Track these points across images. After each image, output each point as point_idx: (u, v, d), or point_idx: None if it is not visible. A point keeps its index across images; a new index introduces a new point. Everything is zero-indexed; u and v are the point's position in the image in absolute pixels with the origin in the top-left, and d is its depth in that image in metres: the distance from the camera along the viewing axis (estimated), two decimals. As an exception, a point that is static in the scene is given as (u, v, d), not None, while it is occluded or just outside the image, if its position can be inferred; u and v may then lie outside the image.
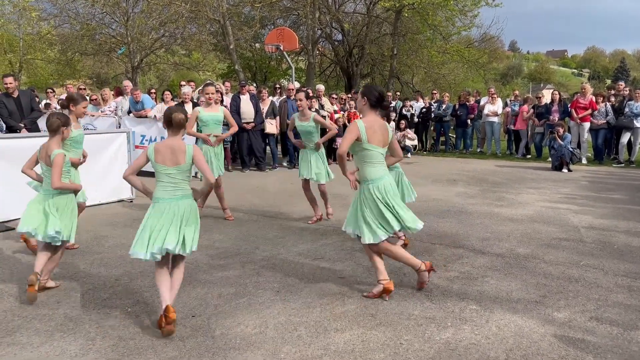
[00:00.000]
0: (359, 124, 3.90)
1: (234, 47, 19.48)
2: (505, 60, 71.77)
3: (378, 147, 3.95)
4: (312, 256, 5.18)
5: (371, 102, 4.01)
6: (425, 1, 17.18)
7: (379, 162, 3.98)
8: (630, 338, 3.36)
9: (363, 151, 3.93)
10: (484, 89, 17.79)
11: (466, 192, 8.73)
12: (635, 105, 11.80)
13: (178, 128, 3.62)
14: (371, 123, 3.95)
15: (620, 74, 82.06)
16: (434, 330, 3.49)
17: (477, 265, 4.86)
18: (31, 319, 3.69)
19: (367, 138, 3.89)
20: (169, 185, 3.59)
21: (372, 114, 4.03)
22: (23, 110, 8.31)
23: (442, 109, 14.92)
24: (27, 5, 21.50)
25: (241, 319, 3.66)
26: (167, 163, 3.56)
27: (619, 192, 8.64)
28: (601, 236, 5.86)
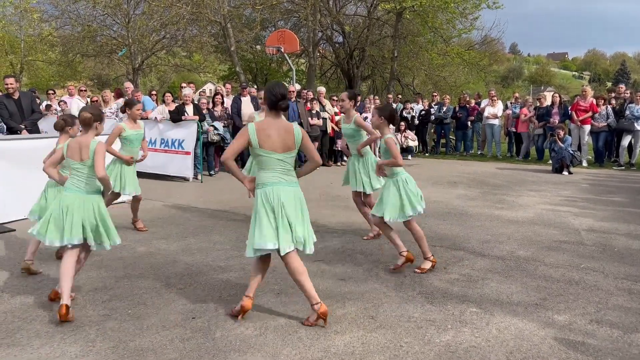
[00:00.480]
0: (249, 127, 3.53)
1: (234, 49, 19.51)
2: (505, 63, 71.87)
3: (273, 153, 3.53)
4: (312, 258, 5.16)
5: (269, 102, 3.62)
6: (425, 3, 17.18)
7: (273, 169, 3.56)
8: (630, 341, 3.36)
9: (256, 157, 3.56)
10: (484, 92, 17.81)
11: (466, 194, 8.73)
12: (636, 107, 11.80)
13: (84, 126, 3.99)
14: (266, 125, 3.56)
15: (620, 76, 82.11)
16: (434, 332, 3.49)
17: (477, 267, 4.86)
18: (31, 320, 3.70)
19: (259, 143, 3.50)
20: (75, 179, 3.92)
21: (270, 115, 3.63)
22: (24, 112, 8.32)
23: (443, 111, 14.93)
24: (28, 7, 21.56)
25: (241, 321, 3.66)
26: (75, 158, 3.90)
27: (619, 195, 8.64)
28: (602, 239, 5.86)
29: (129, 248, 5.50)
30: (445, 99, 15.45)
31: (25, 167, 6.68)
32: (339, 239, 5.91)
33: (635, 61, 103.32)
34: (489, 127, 14.36)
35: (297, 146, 3.65)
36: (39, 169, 5.98)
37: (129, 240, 5.81)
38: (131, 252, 5.39)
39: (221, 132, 11.06)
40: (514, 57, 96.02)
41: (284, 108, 3.60)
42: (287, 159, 3.61)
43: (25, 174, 6.66)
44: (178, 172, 10.30)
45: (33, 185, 6.55)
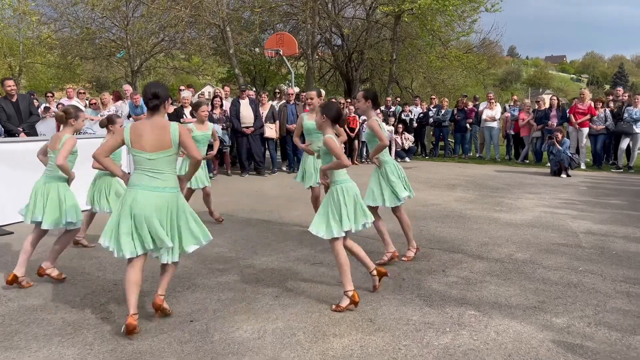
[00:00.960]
0: (125, 127, 3.65)
1: (233, 51, 19.52)
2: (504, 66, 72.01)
3: (143, 152, 3.52)
4: (310, 261, 5.18)
5: (145, 102, 3.69)
6: (424, 7, 17.22)
7: (142, 169, 3.54)
8: (628, 344, 3.36)
9: (132, 156, 3.60)
10: (483, 94, 17.83)
11: (465, 197, 8.74)
12: (634, 110, 11.83)
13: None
14: (141, 125, 3.58)
15: (618, 79, 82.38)
16: (433, 335, 3.49)
17: (475, 270, 4.86)
18: (29, 323, 3.69)
19: (131, 142, 3.54)
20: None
21: (149, 115, 3.67)
22: (22, 115, 8.33)
23: (441, 114, 14.95)
24: (27, 9, 21.55)
25: (240, 324, 3.66)
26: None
27: (617, 198, 8.65)
28: (600, 242, 5.87)
29: (128, 251, 5.48)
30: (443, 102, 15.48)
31: (22, 170, 6.67)
32: (337, 241, 5.91)
33: (633, 64, 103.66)
34: (487, 129, 14.38)
35: (175, 145, 3.58)
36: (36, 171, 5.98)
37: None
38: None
39: (220, 134, 11.05)
40: (512, 60, 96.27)
41: (152, 107, 3.62)
42: (158, 157, 3.54)
43: (22, 176, 6.65)
44: (177, 175, 10.27)
45: (29, 187, 6.57)
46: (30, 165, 6.69)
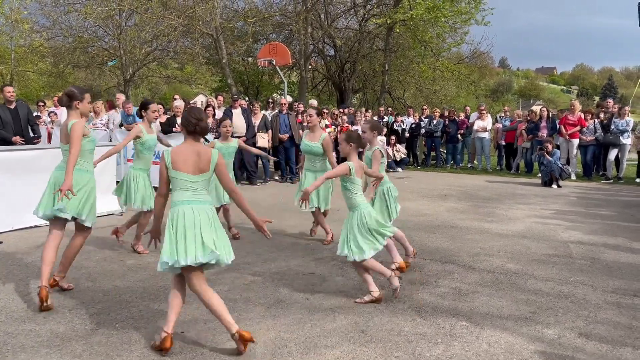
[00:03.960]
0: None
1: (226, 61, 19.56)
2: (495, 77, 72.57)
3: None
4: (303, 271, 5.16)
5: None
6: (416, 18, 17.37)
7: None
8: (619, 355, 3.37)
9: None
10: (474, 105, 17.97)
11: (457, 207, 8.77)
12: (620, 122, 11.98)
13: None
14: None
15: (608, 91, 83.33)
16: (425, 346, 3.48)
17: (467, 281, 4.86)
18: (17, 334, 3.64)
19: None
20: None
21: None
22: (20, 122, 8.25)
23: (433, 125, 15.03)
24: (19, 17, 21.50)
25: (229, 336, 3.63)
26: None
27: (607, 208, 8.72)
28: (590, 252, 5.90)
29: (118, 260, 5.45)
30: (435, 112, 15.57)
31: (13, 179, 6.63)
32: (329, 251, 5.90)
33: (622, 76, 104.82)
34: (478, 140, 14.48)
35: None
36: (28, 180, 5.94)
37: (118, 252, 5.75)
38: (120, 264, 5.34)
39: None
40: (503, 71, 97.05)
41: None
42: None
43: (13, 185, 6.61)
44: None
45: (21, 196, 6.52)
46: (21, 174, 6.67)
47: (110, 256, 5.62)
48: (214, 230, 3.40)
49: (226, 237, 3.49)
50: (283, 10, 21.05)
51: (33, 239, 6.20)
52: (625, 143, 12.05)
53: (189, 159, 3.39)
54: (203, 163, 3.40)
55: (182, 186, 3.38)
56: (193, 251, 3.28)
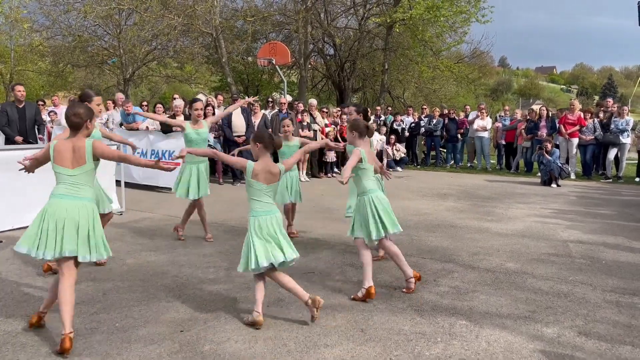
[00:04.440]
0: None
1: (226, 60, 19.55)
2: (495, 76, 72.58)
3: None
4: (302, 270, 5.16)
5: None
6: (416, 17, 17.36)
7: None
8: (618, 354, 3.38)
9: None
10: (474, 104, 17.97)
11: (456, 206, 8.77)
12: (619, 121, 11.98)
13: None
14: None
15: (608, 90, 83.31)
16: (424, 345, 3.49)
17: (467, 280, 4.87)
18: (16, 334, 3.64)
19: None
20: None
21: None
22: (26, 121, 8.25)
23: (433, 124, 15.04)
24: (19, 16, 21.48)
25: (230, 334, 3.64)
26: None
27: (607, 208, 8.72)
28: (590, 251, 5.91)
29: (118, 260, 5.46)
30: (434, 112, 15.58)
31: (14, 178, 6.61)
32: (329, 251, 5.91)
33: (622, 75, 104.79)
34: (478, 139, 14.48)
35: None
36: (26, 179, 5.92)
37: (118, 252, 5.76)
38: (120, 263, 5.34)
39: (212, 143, 11.05)
40: (503, 71, 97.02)
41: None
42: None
43: (14, 184, 6.61)
44: (168, 184, 10.24)
45: (22, 196, 6.53)
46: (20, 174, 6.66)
47: (110, 256, 5.61)
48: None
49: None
50: (283, 10, 21.03)
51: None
52: (625, 142, 12.06)
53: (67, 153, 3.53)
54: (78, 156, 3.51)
55: (61, 180, 3.52)
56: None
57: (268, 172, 3.84)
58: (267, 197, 3.85)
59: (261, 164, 3.84)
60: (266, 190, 3.84)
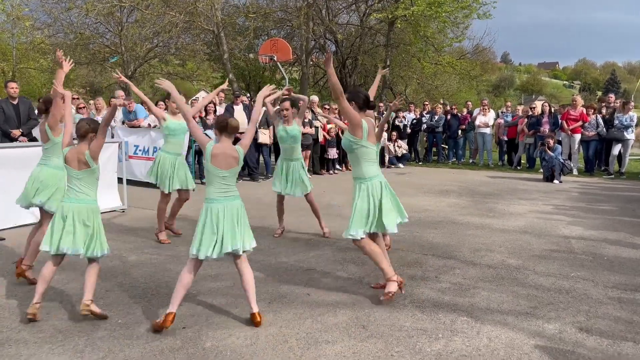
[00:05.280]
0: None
1: (227, 57, 19.54)
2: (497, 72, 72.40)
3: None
4: (304, 267, 5.17)
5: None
6: (417, 12, 17.32)
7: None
8: (619, 350, 3.38)
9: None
10: (476, 100, 17.94)
11: (458, 202, 8.77)
12: (624, 117, 11.93)
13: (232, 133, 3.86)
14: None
15: (610, 85, 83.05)
16: (425, 342, 3.49)
17: (468, 276, 4.87)
18: (19, 330, 3.66)
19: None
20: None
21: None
22: (20, 117, 8.34)
23: (434, 120, 15.01)
24: (20, 14, 21.48)
25: (232, 331, 3.65)
26: (222, 166, 3.74)
27: (609, 204, 8.71)
28: (592, 247, 5.90)
29: (120, 257, 5.47)
30: (436, 108, 15.55)
31: (15, 175, 6.62)
32: (330, 247, 5.92)
33: (625, 70, 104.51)
34: (480, 135, 14.46)
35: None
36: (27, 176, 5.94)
37: (120, 249, 5.77)
38: (122, 260, 5.36)
39: (214, 140, 11.03)
40: (505, 67, 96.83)
41: None
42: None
43: (15, 181, 6.61)
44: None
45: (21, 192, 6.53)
46: (23, 171, 6.67)
47: (112, 253, 5.60)
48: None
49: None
50: (284, 6, 21.00)
51: (35, 235, 6.22)
52: (630, 138, 12.02)
53: None
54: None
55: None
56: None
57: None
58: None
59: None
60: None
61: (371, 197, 4.11)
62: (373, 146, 4.16)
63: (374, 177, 4.17)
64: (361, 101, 4.17)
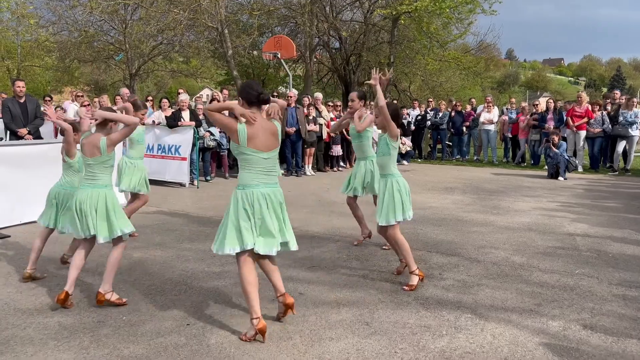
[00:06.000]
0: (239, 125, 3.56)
1: (231, 54, 19.53)
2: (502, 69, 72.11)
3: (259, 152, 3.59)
4: (308, 264, 5.18)
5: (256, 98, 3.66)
6: (421, 8, 17.25)
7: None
8: (624, 347, 3.37)
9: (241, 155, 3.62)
10: (480, 97, 17.88)
11: (462, 200, 8.75)
12: (628, 113, 11.88)
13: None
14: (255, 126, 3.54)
15: (616, 82, 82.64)
16: (429, 339, 3.49)
17: (472, 273, 4.87)
18: (25, 327, 3.68)
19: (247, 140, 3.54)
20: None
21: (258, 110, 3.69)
22: (27, 116, 8.38)
23: (439, 117, 14.98)
24: (25, 12, 21.56)
25: (236, 327, 3.66)
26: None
27: (614, 201, 8.67)
28: (596, 244, 5.88)
29: (124, 254, 5.47)
30: (440, 105, 15.51)
31: (20, 173, 6.67)
32: (334, 244, 5.92)
33: (630, 67, 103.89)
34: (484, 132, 14.42)
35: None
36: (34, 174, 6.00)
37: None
38: (126, 258, 5.37)
39: (217, 137, 11.06)
40: (510, 63, 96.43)
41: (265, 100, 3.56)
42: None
43: (20, 179, 6.66)
44: (174, 178, 10.30)
45: (28, 190, 6.58)
46: (28, 169, 6.72)
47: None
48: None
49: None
50: (288, 3, 20.95)
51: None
52: (634, 135, 11.96)
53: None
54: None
55: None
56: None
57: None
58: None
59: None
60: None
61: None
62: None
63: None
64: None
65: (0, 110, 8.69)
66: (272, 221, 3.53)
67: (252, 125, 3.43)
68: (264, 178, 3.53)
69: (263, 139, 3.50)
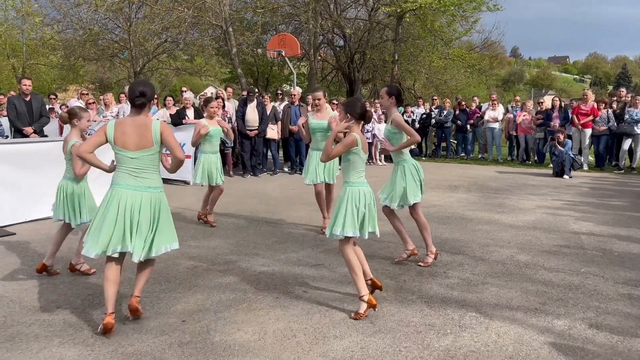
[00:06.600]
0: (109, 124, 3.64)
1: (236, 52, 19.53)
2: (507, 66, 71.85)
3: (125, 151, 3.57)
4: (312, 262, 5.18)
5: (131, 100, 3.68)
6: (425, 6, 17.20)
7: (125, 168, 3.61)
8: (630, 346, 3.35)
9: (115, 154, 3.68)
10: (485, 95, 17.81)
11: (467, 198, 8.73)
12: (634, 111, 11.81)
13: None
14: (124, 123, 3.62)
15: (622, 79, 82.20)
16: (434, 337, 3.49)
17: (477, 272, 4.85)
18: (30, 324, 3.70)
19: (114, 140, 3.57)
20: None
21: (134, 112, 3.68)
22: (33, 114, 8.42)
23: (443, 115, 14.94)
24: (30, 10, 21.62)
25: (240, 325, 3.66)
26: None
27: (619, 199, 8.63)
28: (602, 243, 5.85)
29: (128, 252, 5.48)
30: (445, 103, 15.47)
31: (25, 171, 6.70)
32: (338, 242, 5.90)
33: (636, 64, 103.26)
34: (489, 130, 14.37)
35: (157, 143, 3.60)
36: (39, 172, 6.01)
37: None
38: (130, 256, 5.37)
39: (223, 137, 11.04)
40: (515, 61, 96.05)
41: (137, 105, 3.58)
42: (142, 157, 3.58)
43: (25, 177, 6.69)
44: (179, 176, 10.30)
45: (33, 188, 6.60)
46: (33, 167, 6.74)
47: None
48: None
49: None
50: (292, 1, 20.93)
51: (45, 230, 6.27)
52: (639, 133, 11.89)
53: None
54: None
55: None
56: None
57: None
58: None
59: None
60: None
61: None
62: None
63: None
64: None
65: (6, 107, 8.74)
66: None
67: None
68: None
69: (134, 138, 3.57)
